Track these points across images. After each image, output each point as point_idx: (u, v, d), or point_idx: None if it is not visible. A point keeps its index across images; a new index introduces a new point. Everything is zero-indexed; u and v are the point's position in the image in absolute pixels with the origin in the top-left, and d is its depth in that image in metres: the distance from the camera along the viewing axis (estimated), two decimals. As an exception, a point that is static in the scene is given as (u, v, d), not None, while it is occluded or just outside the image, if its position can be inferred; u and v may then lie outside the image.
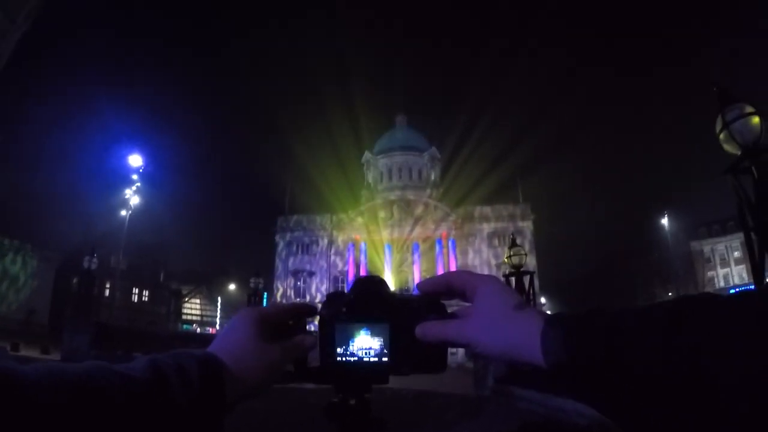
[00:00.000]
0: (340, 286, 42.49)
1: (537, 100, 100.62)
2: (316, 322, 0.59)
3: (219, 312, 50.20)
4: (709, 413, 0.32)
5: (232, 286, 52.38)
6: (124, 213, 27.44)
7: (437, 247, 43.84)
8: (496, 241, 43.55)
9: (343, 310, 0.56)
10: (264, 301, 26.39)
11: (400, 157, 49.31)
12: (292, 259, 46.13)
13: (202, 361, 0.49)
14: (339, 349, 0.56)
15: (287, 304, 0.63)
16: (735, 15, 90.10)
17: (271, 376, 0.54)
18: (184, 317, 48.92)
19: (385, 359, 0.55)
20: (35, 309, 32.93)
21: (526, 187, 45.67)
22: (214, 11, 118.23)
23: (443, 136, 59.84)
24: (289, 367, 0.58)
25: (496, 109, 76.17)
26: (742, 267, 39.40)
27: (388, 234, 44.48)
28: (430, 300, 0.55)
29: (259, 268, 20.72)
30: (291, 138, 74.74)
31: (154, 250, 43.65)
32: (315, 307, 0.63)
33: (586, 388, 0.40)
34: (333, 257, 45.77)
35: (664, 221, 41.78)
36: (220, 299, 51.63)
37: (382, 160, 49.96)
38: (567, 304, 49.88)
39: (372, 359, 0.55)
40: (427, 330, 0.52)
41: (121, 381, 0.42)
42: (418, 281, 0.57)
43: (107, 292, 34.75)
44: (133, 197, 27.70)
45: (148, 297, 44.71)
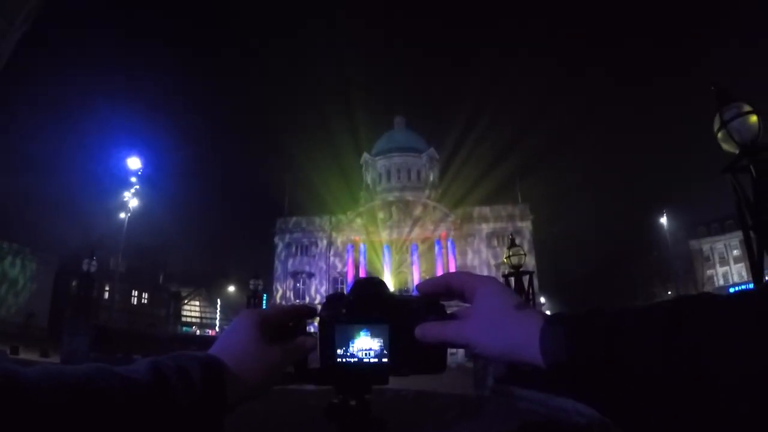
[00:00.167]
0: (340, 287, 42.50)
1: (535, 100, 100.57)
2: (316, 324, 0.59)
3: (218, 314, 50.14)
4: (709, 413, 0.32)
5: (232, 288, 52.31)
6: (123, 215, 27.44)
7: (436, 248, 43.75)
8: (495, 242, 43.48)
9: (343, 311, 0.56)
10: (264, 303, 26.35)
11: (398, 158, 49.23)
12: (291, 261, 46.02)
13: (203, 362, 0.49)
14: (339, 351, 0.56)
15: (287, 306, 0.63)
16: (735, 15, 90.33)
17: (271, 377, 0.55)
18: (184, 319, 48.90)
19: (385, 360, 0.55)
20: (34, 312, 32.91)
21: (524, 187, 45.74)
22: (213, 12, 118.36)
23: (442, 137, 60.08)
24: (290, 368, 0.58)
25: (495, 109, 76.54)
26: (741, 265, 39.47)
27: (387, 235, 44.37)
28: (429, 301, 0.55)
29: (258, 269, 20.59)
30: (290, 140, 74.94)
31: (153, 253, 43.63)
32: (315, 308, 0.63)
33: (586, 389, 0.40)
34: (332, 258, 45.68)
35: (663, 220, 41.74)
36: (219, 301, 51.57)
37: (381, 162, 49.88)
38: (566, 303, 49.88)
39: (372, 360, 0.55)
40: (427, 331, 0.52)
41: (122, 383, 0.42)
42: (417, 282, 0.57)
43: (106, 295, 34.74)
44: (132, 199, 27.71)
45: (148, 299, 44.64)
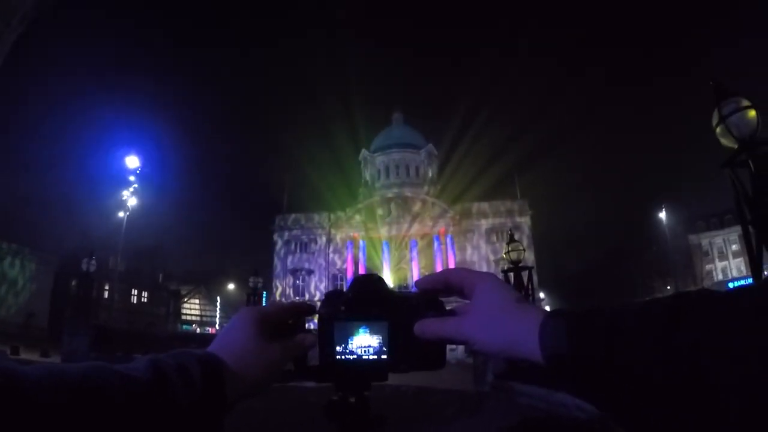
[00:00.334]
0: (339, 284, 42.43)
1: (534, 96, 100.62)
2: (316, 321, 0.59)
3: (218, 312, 50.11)
4: (709, 412, 0.32)
5: (231, 286, 52.32)
6: (121, 214, 27.45)
7: (435, 244, 43.76)
8: (495, 237, 43.48)
9: (342, 308, 0.57)
10: (263, 301, 26.38)
11: (397, 155, 49.14)
12: (290, 258, 46.03)
13: (203, 360, 0.49)
14: (338, 348, 0.56)
15: (286, 303, 0.63)
16: (735, 14, 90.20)
17: (271, 374, 0.55)
18: (184, 318, 48.87)
19: (384, 357, 0.55)
20: (34, 312, 32.87)
21: (523, 182, 45.77)
22: (212, 11, 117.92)
23: (440, 133, 59.73)
24: (289, 365, 0.58)
25: (493, 105, 76.38)
26: (741, 260, 39.54)
27: (386, 231, 44.37)
28: (428, 297, 0.55)
29: (257, 267, 20.63)
30: (288, 137, 74.77)
31: (152, 251, 43.60)
32: (314, 305, 0.63)
33: (586, 387, 0.40)
34: (331, 255, 45.70)
35: (662, 215, 41.79)
36: (219, 299, 51.54)
37: (380, 158, 49.80)
38: (566, 299, 49.97)
39: (371, 357, 0.55)
40: (426, 327, 0.52)
41: (122, 381, 0.42)
42: (416, 278, 0.57)
43: (106, 294, 34.71)
44: (130, 198, 27.71)
45: (147, 298, 44.62)
